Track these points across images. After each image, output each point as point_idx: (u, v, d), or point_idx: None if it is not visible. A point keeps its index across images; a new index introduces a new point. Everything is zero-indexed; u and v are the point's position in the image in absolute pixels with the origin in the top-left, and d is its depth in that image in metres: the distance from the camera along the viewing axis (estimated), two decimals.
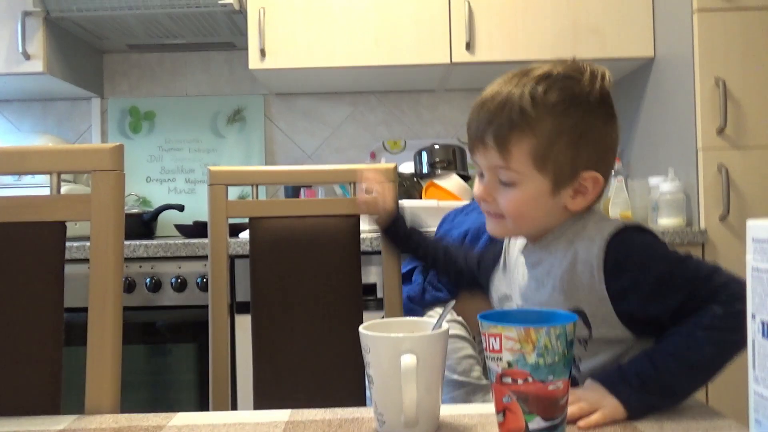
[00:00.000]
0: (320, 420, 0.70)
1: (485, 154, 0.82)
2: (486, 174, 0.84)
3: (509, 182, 0.82)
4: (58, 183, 0.90)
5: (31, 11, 2.14)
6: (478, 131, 0.82)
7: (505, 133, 0.80)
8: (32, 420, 0.74)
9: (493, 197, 0.83)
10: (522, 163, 0.80)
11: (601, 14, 2.15)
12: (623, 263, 0.76)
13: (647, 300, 0.75)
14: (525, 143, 0.80)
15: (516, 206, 0.82)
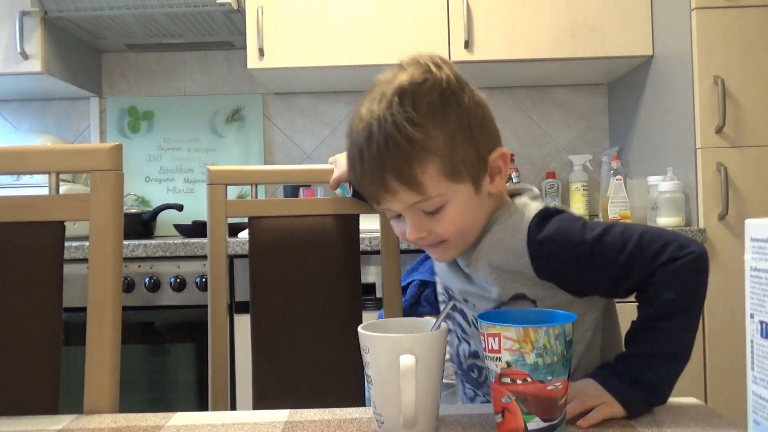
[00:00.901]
0: (319, 420, 0.70)
1: (396, 198, 0.76)
2: (406, 214, 0.78)
3: (436, 209, 0.77)
4: (57, 183, 0.90)
5: (29, 11, 2.14)
6: (374, 180, 0.75)
7: (407, 168, 0.74)
8: (31, 420, 0.74)
9: (427, 231, 0.78)
10: (439, 186, 0.75)
11: (599, 13, 2.15)
12: (546, 246, 0.76)
13: (576, 277, 0.77)
14: (431, 167, 0.74)
15: (455, 225, 0.78)
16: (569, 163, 2.48)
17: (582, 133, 2.59)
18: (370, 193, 0.78)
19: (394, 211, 0.79)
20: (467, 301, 0.85)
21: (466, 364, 0.90)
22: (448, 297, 0.90)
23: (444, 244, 0.80)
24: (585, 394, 0.68)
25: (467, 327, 0.87)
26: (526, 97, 2.60)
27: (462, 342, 0.90)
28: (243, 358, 1.82)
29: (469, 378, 0.90)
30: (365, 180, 0.77)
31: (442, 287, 0.93)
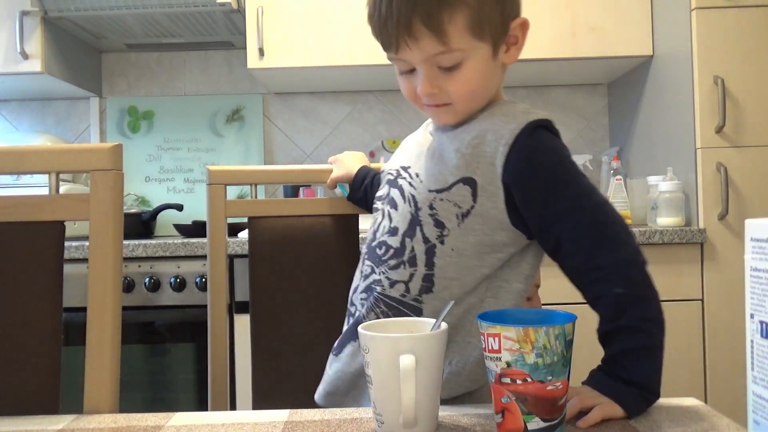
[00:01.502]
0: (319, 420, 0.70)
1: (418, 46, 0.74)
2: (421, 67, 0.77)
3: (454, 65, 0.77)
4: (57, 182, 0.90)
5: (28, 11, 2.14)
6: (401, 22, 0.73)
7: (436, 13, 0.73)
8: (31, 419, 0.74)
9: (439, 87, 0.78)
10: (463, 39, 0.75)
11: (599, 12, 2.15)
12: (525, 152, 0.76)
13: (529, 194, 0.76)
14: (459, 17, 0.74)
15: (468, 86, 0.78)
16: None
17: (582, 133, 2.59)
18: (391, 37, 0.75)
19: (408, 63, 0.78)
20: (418, 176, 0.85)
21: (378, 240, 0.87)
22: (396, 173, 0.90)
23: (449, 107, 0.81)
24: (583, 394, 0.68)
25: (401, 202, 0.86)
26: (526, 97, 2.59)
27: (385, 218, 0.88)
28: (243, 358, 1.82)
29: (373, 255, 0.88)
30: (390, 21, 0.74)
31: (397, 166, 0.92)
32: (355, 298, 0.91)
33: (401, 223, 0.84)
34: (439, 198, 0.81)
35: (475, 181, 0.78)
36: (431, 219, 0.81)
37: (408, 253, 0.82)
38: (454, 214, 0.80)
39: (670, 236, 1.84)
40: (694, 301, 1.87)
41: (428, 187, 0.82)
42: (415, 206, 0.83)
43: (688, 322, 1.86)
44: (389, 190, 0.90)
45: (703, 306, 1.86)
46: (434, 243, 0.81)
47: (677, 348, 1.86)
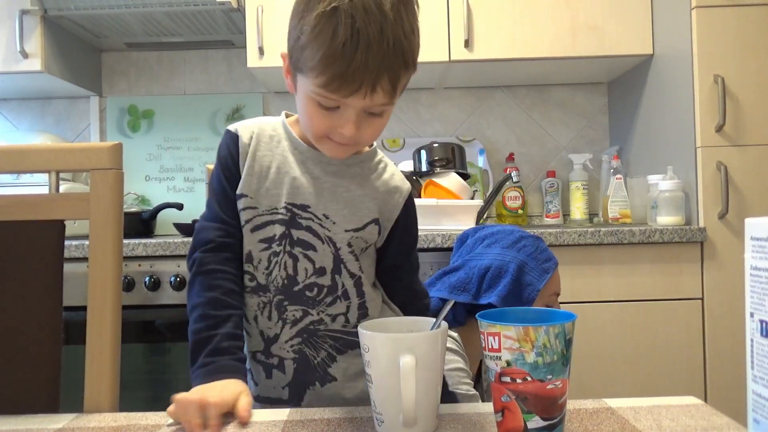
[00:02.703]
0: (319, 419, 0.70)
1: (371, 97, 0.78)
2: (355, 112, 0.80)
3: (379, 113, 0.82)
4: (57, 181, 0.90)
5: (28, 10, 2.14)
6: (369, 76, 0.76)
7: (400, 76, 0.80)
8: (31, 418, 0.74)
9: (359, 131, 0.82)
10: (398, 95, 0.82)
11: (599, 11, 2.15)
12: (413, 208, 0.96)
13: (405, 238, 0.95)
14: (405, 79, 0.82)
15: (378, 132, 0.85)
16: (569, 162, 2.48)
17: (582, 132, 2.59)
18: (353, 84, 0.76)
19: (339, 103, 0.79)
20: (327, 217, 0.88)
21: (304, 283, 0.89)
22: (290, 213, 0.88)
23: (352, 147, 0.86)
24: None
25: (319, 244, 0.88)
26: (526, 96, 2.59)
27: (301, 261, 0.88)
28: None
29: (302, 297, 0.89)
30: (359, 72, 0.75)
31: (284, 203, 0.89)
32: (279, 347, 0.90)
33: (326, 262, 0.89)
34: (355, 236, 0.90)
35: (379, 220, 0.91)
36: (351, 255, 0.90)
37: (340, 289, 0.90)
38: (362, 247, 0.92)
39: (670, 235, 1.84)
40: (694, 300, 1.87)
41: (344, 227, 0.89)
42: (335, 246, 0.89)
43: (688, 321, 1.86)
44: (287, 230, 0.88)
45: (703, 305, 1.86)
46: (359, 275, 0.91)
47: (677, 346, 1.86)
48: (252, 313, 0.91)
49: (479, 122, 2.60)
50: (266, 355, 0.91)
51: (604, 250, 1.87)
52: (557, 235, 1.84)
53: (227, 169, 0.91)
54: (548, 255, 1.31)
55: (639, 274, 1.87)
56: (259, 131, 0.92)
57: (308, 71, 0.78)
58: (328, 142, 0.84)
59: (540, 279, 1.28)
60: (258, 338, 0.91)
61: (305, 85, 0.80)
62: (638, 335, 1.86)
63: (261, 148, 0.91)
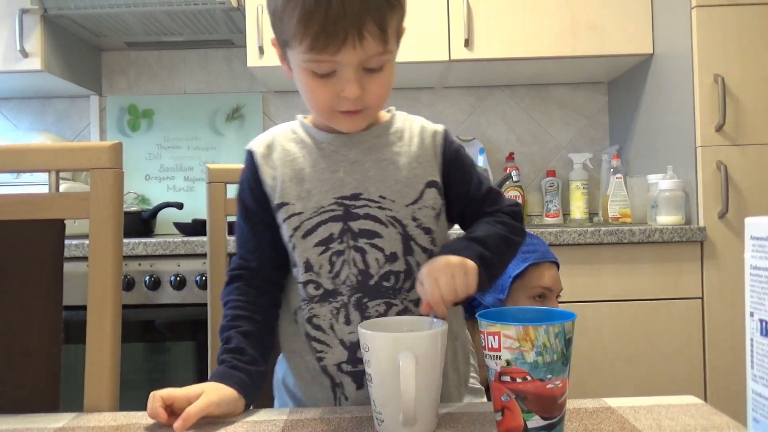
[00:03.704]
0: (319, 419, 0.70)
1: (362, 46, 0.73)
2: (351, 70, 0.75)
3: (379, 67, 0.77)
4: (57, 181, 0.90)
5: (28, 9, 2.14)
6: (352, 23, 0.71)
7: (386, 16, 0.74)
8: (31, 418, 0.74)
9: (363, 90, 0.77)
10: (392, 41, 0.77)
11: (599, 11, 2.15)
12: (455, 142, 0.90)
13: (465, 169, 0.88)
14: (394, 21, 0.76)
15: (386, 89, 0.80)
16: (569, 162, 2.48)
17: (582, 132, 2.59)
18: (338, 35, 0.72)
19: (333, 65, 0.75)
20: (384, 197, 0.84)
21: (378, 275, 0.84)
22: (343, 207, 0.84)
23: (364, 113, 0.81)
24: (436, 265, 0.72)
25: (383, 229, 0.83)
26: (526, 95, 2.59)
27: (371, 252, 0.83)
28: None
29: (380, 291, 0.84)
30: (340, 21, 0.71)
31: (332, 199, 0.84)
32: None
33: (395, 246, 0.84)
34: (417, 208, 0.85)
35: (436, 181, 0.86)
36: (419, 230, 0.85)
37: (416, 269, 0.83)
38: (432, 216, 0.86)
39: (670, 235, 1.84)
40: (694, 299, 1.87)
41: (404, 203, 0.84)
42: (401, 225, 0.84)
43: (688, 321, 1.86)
44: (345, 224, 0.83)
45: (703, 304, 1.86)
46: (431, 249, 0.85)
47: (677, 346, 1.86)
48: (327, 323, 0.84)
49: (479, 122, 2.60)
50: (353, 363, 0.84)
51: (604, 249, 1.87)
52: (557, 235, 1.84)
53: (248, 191, 0.88)
54: (533, 248, 1.31)
55: (639, 273, 1.87)
56: (274, 138, 0.89)
57: (292, 39, 0.75)
58: (338, 116, 0.80)
59: (515, 267, 1.27)
60: (339, 348, 0.84)
61: (295, 57, 0.77)
62: (638, 335, 1.86)
63: (285, 152, 0.87)
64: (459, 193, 0.88)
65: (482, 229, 0.82)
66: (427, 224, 0.85)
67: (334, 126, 0.84)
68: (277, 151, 0.88)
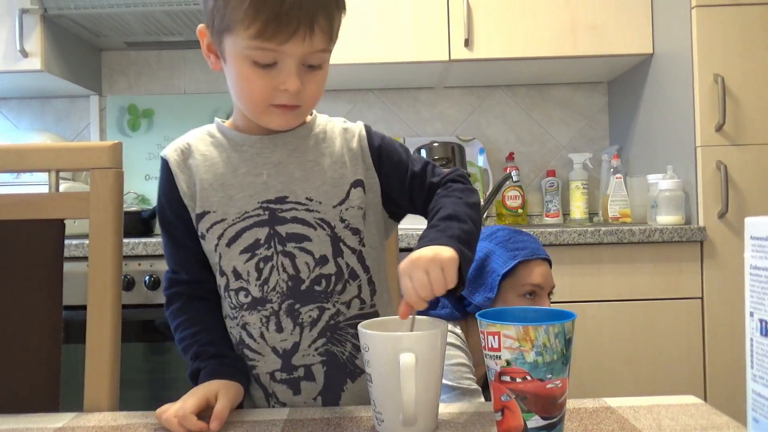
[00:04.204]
0: (319, 419, 0.70)
1: (311, 40, 0.74)
2: (294, 63, 0.75)
3: (318, 64, 0.78)
4: (57, 181, 0.90)
5: (28, 9, 2.13)
6: (305, 15, 0.72)
7: (335, 13, 0.77)
8: (31, 417, 0.74)
9: (302, 86, 0.77)
10: (333, 39, 0.79)
11: (599, 11, 2.15)
12: (376, 135, 0.89)
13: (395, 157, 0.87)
14: (338, 20, 0.78)
15: (321, 87, 0.81)
16: (569, 162, 2.48)
17: (582, 132, 2.59)
18: (290, 25, 0.72)
19: (276, 55, 0.75)
20: (311, 199, 0.83)
21: (309, 279, 0.82)
22: (268, 211, 0.82)
23: (298, 110, 0.80)
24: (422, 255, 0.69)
25: (312, 231, 0.82)
26: (526, 95, 2.59)
27: (300, 256, 0.82)
28: None
29: (312, 295, 0.82)
30: (294, 11, 0.71)
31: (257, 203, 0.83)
32: (302, 355, 0.83)
33: (324, 249, 0.83)
34: (344, 209, 0.84)
35: (361, 180, 0.85)
36: (347, 230, 0.84)
37: (347, 270, 0.84)
38: (360, 216, 0.85)
39: (669, 234, 1.84)
40: (693, 299, 1.87)
41: (331, 204, 0.84)
42: (329, 227, 0.83)
43: (687, 321, 1.86)
44: (271, 229, 0.82)
45: (703, 304, 1.86)
46: (359, 249, 0.85)
47: (677, 346, 1.86)
48: (257, 332, 0.83)
49: (479, 121, 2.60)
50: (288, 371, 0.83)
51: (604, 249, 1.87)
52: (557, 235, 1.84)
53: (165, 203, 0.87)
54: (522, 245, 1.29)
55: (639, 273, 1.87)
56: (189, 142, 0.89)
57: (237, 25, 0.74)
58: (272, 111, 0.79)
59: (504, 265, 1.26)
60: (272, 356, 0.83)
61: (235, 45, 0.76)
62: (638, 335, 1.86)
63: (202, 156, 0.86)
64: (399, 175, 0.87)
65: (446, 204, 0.80)
66: (355, 224, 0.85)
67: (264, 123, 0.82)
68: (193, 156, 0.87)
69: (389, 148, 0.88)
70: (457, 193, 0.82)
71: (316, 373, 0.84)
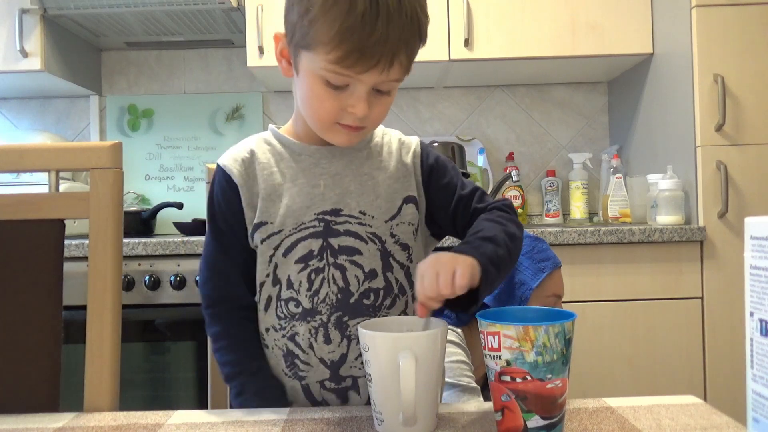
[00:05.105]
0: (319, 419, 0.70)
1: (387, 71, 0.75)
2: (366, 89, 0.76)
3: (387, 91, 0.79)
4: (57, 181, 0.90)
5: (28, 9, 2.13)
6: (389, 48, 0.73)
7: (415, 49, 0.77)
8: (31, 417, 0.74)
9: (370, 110, 0.78)
10: (408, 71, 0.80)
11: (599, 10, 2.15)
12: (430, 153, 0.89)
13: (446, 177, 0.87)
14: (417, 52, 0.79)
15: (386, 111, 0.81)
16: (569, 162, 2.48)
17: (582, 132, 2.59)
18: (371, 59, 0.73)
19: (351, 80, 0.75)
20: (364, 213, 0.84)
21: (358, 292, 0.83)
22: (323, 223, 0.83)
23: (363, 130, 0.82)
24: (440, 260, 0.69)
25: (363, 245, 0.83)
26: (525, 95, 2.59)
27: (350, 269, 0.83)
28: None
29: (361, 309, 0.83)
30: (379, 45, 0.72)
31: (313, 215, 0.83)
32: (350, 366, 0.84)
33: (374, 263, 0.83)
34: (395, 224, 0.85)
35: (414, 197, 0.86)
36: (397, 246, 0.85)
37: (395, 285, 0.85)
38: (410, 232, 0.86)
39: (669, 234, 1.84)
40: (693, 299, 1.87)
41: (383, 219, 0.84)
42: (380, 241, 0.84)
43: (687, 321, 1.86)
44: (324, 242, 0.83)
45: (703, 304, 1.86)
46: (407, 264, 0.86)
47: (677, 346, 1.86)
48: (306, 342, 0.83)
49: (479, 121, 2.60)
50: (336, 381, 0.84)
51: (604, 249, 1.87)
52: (557, 235, 1.84)
53: (222, 212, 0.87)
54: (546, 255, 1.31)
55: (639, 273, 1.87)
56: (250, 153, 0.87)
57: (319, 46, 0.74)
58: (337, 129, 0.80)
59: (534, 278, 1.28)
60: (320, 367, 0.84)
61: (313, 62, 0.76)
62: (638, 335, 1.86)
63: (262, 166, 0.86)
64: (446, 197, 0.87)
65: (487, 227, 0.80)
66: (404, 240, 0.85)
67: (327, 138, 0.83)
68: (255, 166, 0.86)
69: (441, 168, 0.89)
70: (501, 219, 0.82)
71: (362, 386, 0.85)
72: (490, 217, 0.83)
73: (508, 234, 0.79)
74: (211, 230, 0.88)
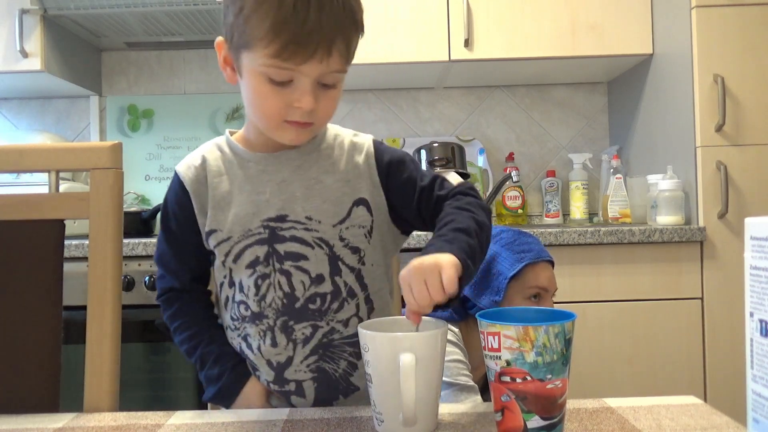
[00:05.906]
0: (318, 419, 0.70)
1: (327, 61, 0.75)
2: (310, 82, 0.76)
3: (333, 84, 0.79)
4: (57, 181, 0.90)
5: (28, 9, 2.13)
6: (325, 38, 0.73)
7: (352, 38, 0.77)
8: (31, 418, 0.74)
9: (317, 104, 0.78)
10: (349, 61, 0.80)
11: (599, 11, 2.15)
12: (385, 151, 0.88)
13: (404, 173, 0.86)
14: (355, 42, 0.79)
15: (334, 106, 0.81)
16: (569, 162, 2.48)
17: (582, 132, 2.59)
18: (307, 48, 0.73)
19: (292, 73, 0.75)
20: (310, 218, 0.84)
21: (304, 297, 0.84)
22: (268, 230, 0.83)
23: (311, 127, 0.81)
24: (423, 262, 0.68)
25: (309, 251, 0.83)
26: (526, 95, 2.59)
27: (296, 274, 0.83)
28: None
29: (306, 313, 0.84)
30: (314, 34, 0.72)
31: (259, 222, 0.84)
32: (294, 370, 0.85)
33: (321, 268, 0.84)
34: (344, 228, 0.85)
35: (364, 199, 0.86)
36: (347, 249, 0.85)
37: (344, 289, 0.85)
38: (361, 235, 0.86)
39: (669, 235, 1.84)
40: (693, 299, 1.87)
41: (330, 223, 0.84)
42: (327, 246, 0.84)
43: (687, 321, 1.86)
44: (270, 248, 0.83)
45: (703, 304, 1.86)
46: (358, 267, 0.86)
47: (677, 346, 1.86)
48: (255, 344, 0.86)
49: (479, 122, 2.60)
50: (280, 383, 0.87)
51: (604, 249, 1.87)
52: (557, 235, 1.84)
53: (173, 215, 0.91)
54: (528, 247, 1.29)
55: (639, 273, 1.87)
56: (202, 160, 0.89)
57: (257, 42, 0.74)
58: (285, 127, 0.80)
59: (511, 268, 1.26)
60: (266, 368, 0.87)
61: (253, 61, 0.76)
62: (638, 335, 1.86)
63: (212, 174, 0.87)
64: (408, 192, 0.87)
65: (457, 217, 0.79)
66: (355, 243, 0.85)
67: (276, 137, 0.83)
68: (206, 173, 0.88)
69: (398, 164, 0.88)
70: (470, 207, 0.81)
71: (307, 389, 0.86)
72: (458, 204, 0.82)
73: (478, 223, 0.79)
74: (165, 229, 0.92)
